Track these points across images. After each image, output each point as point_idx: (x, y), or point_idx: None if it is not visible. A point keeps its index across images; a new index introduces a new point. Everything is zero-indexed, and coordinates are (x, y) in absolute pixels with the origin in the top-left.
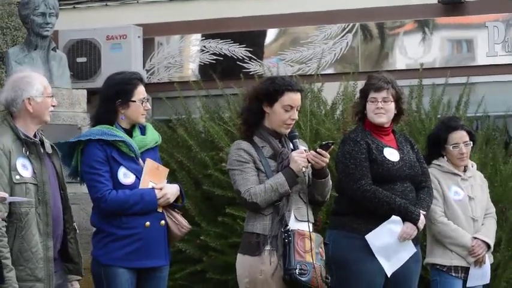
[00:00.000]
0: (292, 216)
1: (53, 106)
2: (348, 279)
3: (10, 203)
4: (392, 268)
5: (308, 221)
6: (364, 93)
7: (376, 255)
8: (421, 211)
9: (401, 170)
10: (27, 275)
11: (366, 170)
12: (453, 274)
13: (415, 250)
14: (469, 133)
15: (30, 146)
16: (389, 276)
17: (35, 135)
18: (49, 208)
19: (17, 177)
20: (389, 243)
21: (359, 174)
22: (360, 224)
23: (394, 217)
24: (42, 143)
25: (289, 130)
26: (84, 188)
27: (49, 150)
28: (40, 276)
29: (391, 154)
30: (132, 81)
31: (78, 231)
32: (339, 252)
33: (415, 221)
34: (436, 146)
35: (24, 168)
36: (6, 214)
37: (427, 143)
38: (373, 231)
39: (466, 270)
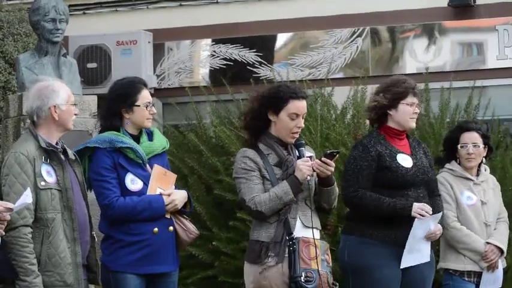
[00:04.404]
0: (299, 223)
1: (75, 115)
2: (364, 285)
3: (36, 209)
4: (407, 263)
5: (313, 227)
6: (400, 95)
7: (407, 243)
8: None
9: (414, 176)
10: (56, 280)
11: (362, 178)
12: (466, 279)
13: (429, 259)
14: (484, 137)
15: (51, 154)
16: (401, 267)
17: (56, 143)
18: (74, 214)
19: (42, 183)
20: (421, 238)
21: (353, 181)
22: (376, 230)
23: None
24: (64, 151)
25: (295, 140)
26: (93, 195)
27: (71, 157)
28: (69, 281)
29: (404, 160)
30: (135, 86)
31: (96, 239)
32: (355, 258)
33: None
34: (450, 148)
35: (48, 175)
36: (32, 220)
37: (444, 145)
38: (421, 219)
39: (478, 275)
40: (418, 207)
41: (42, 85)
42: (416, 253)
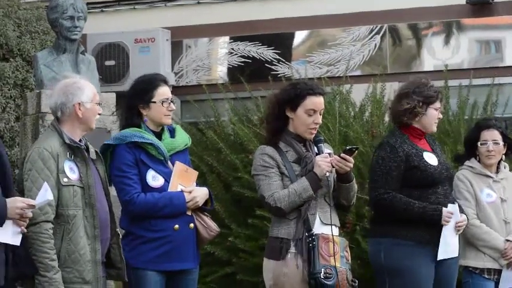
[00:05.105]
0: (318, 220)
1: (99, 114)
2: (404, 286)
3: (57, 206)
4: (442, 255)
5: (332, 224)
6: (430, 100)
7: (442, 233)
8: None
9: (441, 173)
10: (74, 277)
11: (392, 179)
12: (485, 276)
13: (457, 254)
14: (503, 134)
15: (75, 150)
16: (438, 259)
17: (80, 140)
18: (95, 211)
19: (65, 179)
20: (452, 229)
21: (382, 182)
22: (410, 231)
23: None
24: (87, 149)
25: (313, 135)
26: (114, 191)
27: (93, 155)
28: (88, 278)
29: (430, 158)
30: (152, 83)
31: (120, 236)
32: (392, 260)
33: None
34: (470, 145)
35: (71, 172)
36: (53, 216)
37: (464, 143)
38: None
39: (498, 272)
40: (446, 216)
41: (68, 82)
42: (448, 246)
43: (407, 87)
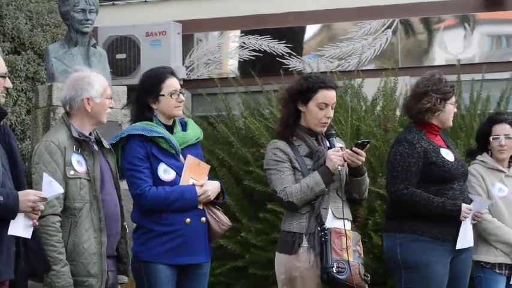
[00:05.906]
0: (330, 214)
1: (110, 108)
2: (419, 281)
3: (64, 199)
4: (460, 245)
5: (344, 218)
6: (448, 96)
7: (463, 222)
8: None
9: (457, 169)
10: (80, 269)
11: (411, 174)
12: (497, 271)
13: (472, 244)
14: None
15: (82, 144)
16: (456, 248)
17: (90, 134)
18: (100, 204)
19: (72, 172)
20: (469, 219)
21: (401, 178)
22: (427, 227)
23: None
24: (97, 142)
25: (325, 129)
26: (125, 185)
27: (106, 146)
28: (93, 271)
29: (447, 154)
30: (159, 76)
31: (128, 230)
32: (409, 255)
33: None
34: (482, 140)
35: (79, 164)
36: (61, 209)
37: (476, 137)
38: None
39: (510, 267)
40: (465, 212)
41: (78, 76)
42: (467, 236)
43: (425, 86)
